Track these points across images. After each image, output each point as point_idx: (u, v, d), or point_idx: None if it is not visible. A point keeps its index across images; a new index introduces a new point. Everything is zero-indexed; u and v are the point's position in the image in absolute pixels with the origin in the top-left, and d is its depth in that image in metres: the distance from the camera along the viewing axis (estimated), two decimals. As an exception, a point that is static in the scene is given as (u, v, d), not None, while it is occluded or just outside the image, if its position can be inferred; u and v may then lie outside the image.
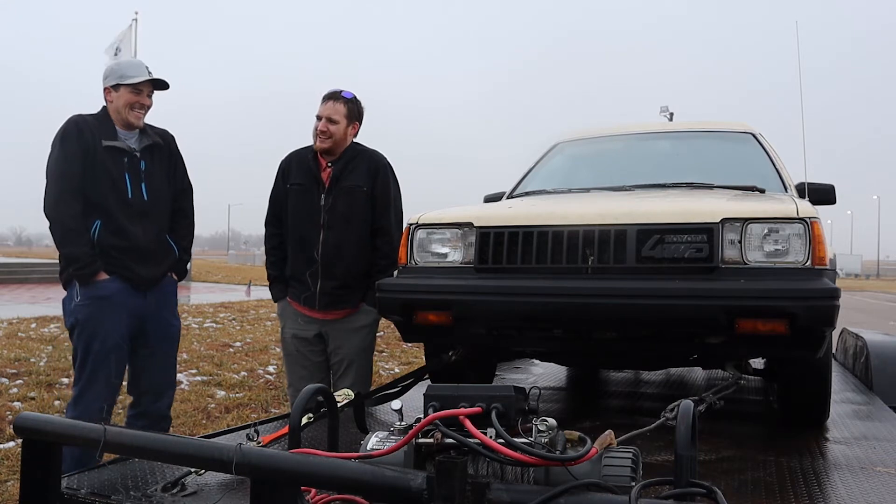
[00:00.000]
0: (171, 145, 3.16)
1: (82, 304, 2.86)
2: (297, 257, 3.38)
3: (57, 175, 2.86)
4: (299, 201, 3.37)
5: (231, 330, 9.83)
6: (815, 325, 2.36)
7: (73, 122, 2.91)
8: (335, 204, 3.29)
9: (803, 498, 1.97)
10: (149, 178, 3.01)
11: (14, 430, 1.78)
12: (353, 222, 3.30)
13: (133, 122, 2.97)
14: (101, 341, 2.85)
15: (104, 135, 2.91)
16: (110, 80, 2.96)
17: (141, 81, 2.94)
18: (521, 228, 2.72)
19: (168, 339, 3.10)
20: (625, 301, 2.48)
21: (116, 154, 2.93)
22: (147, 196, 2.99)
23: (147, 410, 3.05)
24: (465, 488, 1.39)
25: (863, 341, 4.37)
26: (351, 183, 3.31)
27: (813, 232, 2.45)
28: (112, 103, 2.97)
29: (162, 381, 3.10)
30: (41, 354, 7.03)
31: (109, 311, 2.87)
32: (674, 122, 4.94)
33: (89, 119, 2.95)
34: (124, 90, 2.94)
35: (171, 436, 1.90)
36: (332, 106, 3.29)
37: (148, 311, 2.99)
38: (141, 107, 2.98)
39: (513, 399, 1.63)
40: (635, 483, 1.44)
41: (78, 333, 2.87)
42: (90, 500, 1.82)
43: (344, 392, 2.63)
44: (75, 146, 2.86)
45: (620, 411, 3.48)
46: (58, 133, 2.91)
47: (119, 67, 2.99)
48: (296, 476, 1.44)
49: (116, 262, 2.90)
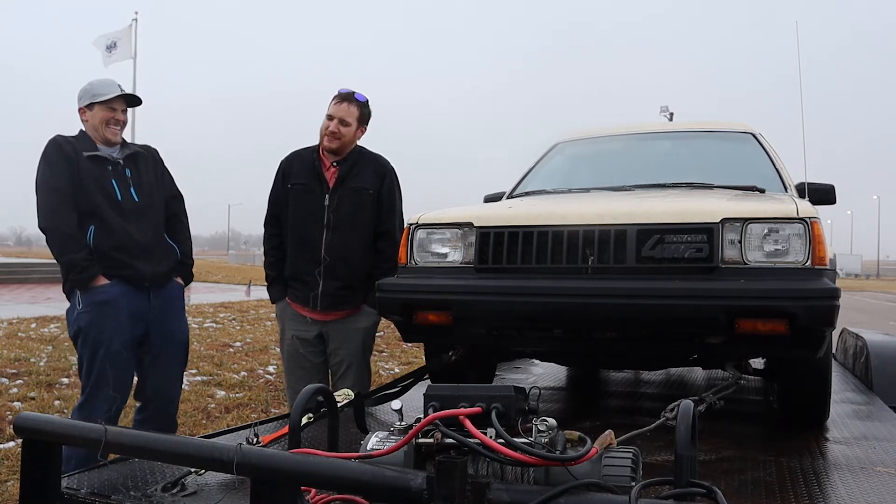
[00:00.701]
0: (154, 156, 3.19)
1: (84, 312, 2.85)
2: (299, 258, 3.35)
3: (47, 188, 2.89)
4: (301, 201, 3.35)
5: (231, 330, 9.83)
6: (815, 325, 2.36)
7: (53, 142, 2.95)
8: (341, 204, 3.28)
9: (803, 498, 1.97)
10: (137, 183, 3.03)
11: (14, 430, 1.78)
12: (358, 224, 3.30)
13: (110, 139, 3.01)
14: (106, 347, 2.84)
15: (85, 148, 2.95)
16: (84, 101, 3.01)
17: (113, 98, 2.98)
18: (521, 228, 2.72)
19: (174, 345, 3.08)
20: (625, 301, 2.48)
21: (100, 162, 2.96)
22: (138, 197, 3.01)
23: (153, 416, 3.04)
24: (465, 488, 1.39)
25: (863, 341, 4.37)
26: (358, 184, 3.31)
27: (813, 232, 2.45)
28: (88, 122, 3.01)
29: (168, 388, 3.09)
30: (41, 354, 7.03)
31: (111, 315, 2.86)
32: (674, 122, 4.94)
33: (69, 138, 2.99)
34: (98, 108, 2.98)
35: (172, 436, 1.90)
36: (346, 108, 3.29)
37: (153, 316, 2.98)
38: (116, 122, 3.02)
39: (513, 399, 1.63)
40: (635, 483, 1.44)
41: (82, 341, 2.87)
42: (90, 500, 1.82)
43: (344, 392, 2.63)
44: (60, 160, 2.89)
45: (620, 411, 3.48)
46: (41, 154, 2.94)
47: (91, 87, 3.03)
48: (296, 476, 1.44)
49: (116, 262, 2.90)
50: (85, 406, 2.85)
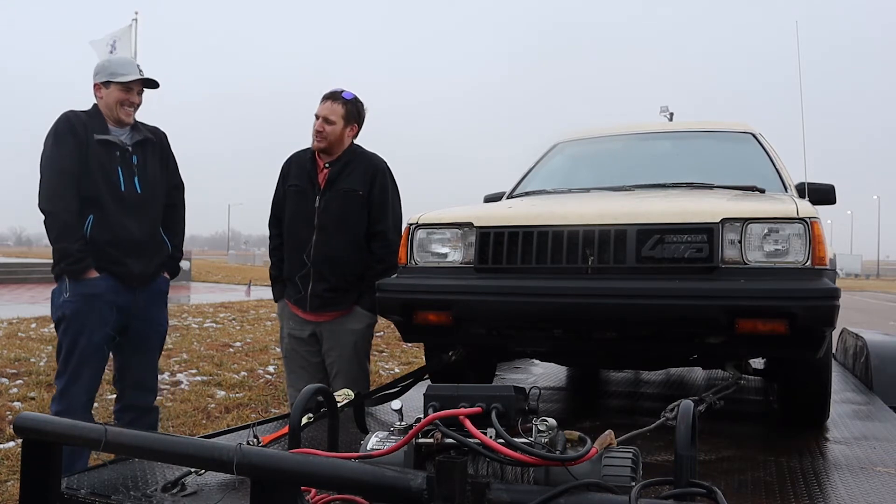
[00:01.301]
0: (163, 142, 3.18)
1: (70, 300, 2.87)
2: (291, 259, 3.38)
3: (51, 170, 2.88)
4: (295, 203, 3.37)
5: (231, 330, 9.83)
6: (815, 325, 2.35)
7: (65, 118, 2.92)
8: (329, 206, 3.28)
9: (803, 498, 1.97)
10: (141, 172, 3.03)
11: (14, 430, 1.77)
12: (347, 225, 3.29)
13: (123, 119, 3.00)
14: (88, 337, 2.88)
15: (96, 129, 2.93)
16: (100, 77, 2.98)
17: (132, 80, 2.97)
18: (521, 228, 2.72)
19: (156, 337, 3.13)
20: (625, 301, 2.48)
21: (109, 147, 2.94)
22: (140, 189, 3.01)
23: (133, 404, 3.08)
24: (465, 488, 1.39)
25: (863, 341, 4.37)
26: (346, 186, 3.30)
27: (813, 232, 2.45)
28: (102, 99, 2.99)
29: (147, 378, 3.14)
30: (41, 354, 7.03)
31: (97, 308, 2.88)
32: (674, 122, 4.93)
33: (81, 115, 2.96)
34: (114, 87, 2.96)
35: (171, 436, 1.90)
36: (329, 106, 3.28)
37: (136, 308, 3.00)
38: (131, 104, 3.00)
39: (513, 399, 1.63)
40: (635, 483, 1.44)
41: (64, 328, 2.89)
42: (90, 500, 1.82)
43: (344, 392, 2.63)
44: (69, 141, 2.88)
45: (620, 411, 3.48)
46: (51, 129, 2.92)
47: (110, 65, 3.01)
48: (296, 476, 1.44)
49: (109, 257, 2.91)
50: (64, 396, 2.87)
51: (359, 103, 3.36)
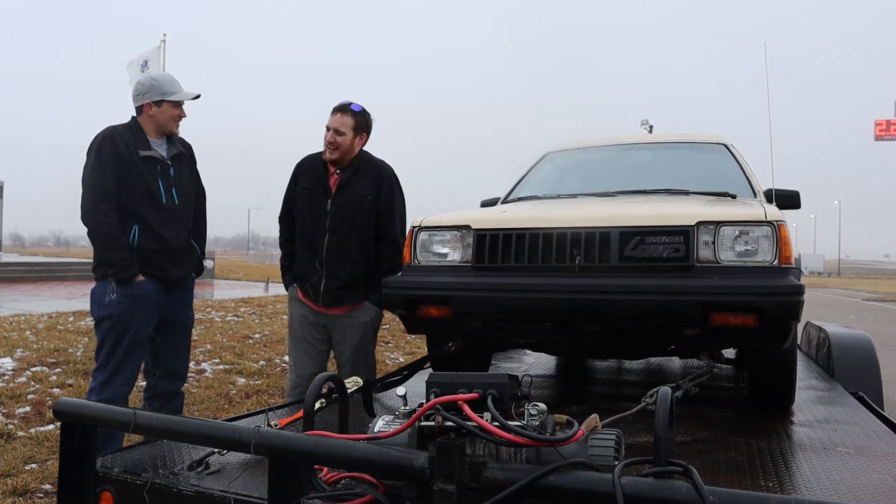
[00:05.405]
0: (191, 153, 3.20)
1: (118, 301, 2.86)
2: (305, 258, 3.37)
3: (92, 185, 2.86)
4: (307, 205, 3.36)
5: (251, 323, 9.82)
6: (782, 318, 2.36)
7: (108, 135, 2.90)
8: (340, 210, 3.27)
9: (771, 476, 1.97)
10: (177, 184, 3.03)
11: (53, 414, 1.78)
12: (356, 227, 3.28)
13: (174, 132, 3.04)
14: (133, 335, 2.88)
15: (138, 145, 2.93)
16: (152, 96, 2.96)
17: (187, 97, 3.01)
18: (515, 230, 2.72)
19: (186, 330, 3.17)
20: (609, 297, 2.48)
21: (151, 163, 2.95)
22: (178, 200, 3.02)
23: (162, 391, 3.09)
24: (463, 467, 1.39)
25: (825, 333, 4.37)
26: (356, 191, 3.29)
27: (780, 234, 2.45)
28: (154, 117, 2.98)
29: (178, 367, 3.16)
30: (78, 345, 7.02)
31: (143, 309, 2.89)
32: (653, 134, 4.94)
33: (122, 129, 2.95)
34: (167, 105, 2.97)
35: (196, 419, 1.90)
36: (339, 118, 3.27)
37: (171, 306, 3.03)
38: (180, 118, 3.04)
39: (507, 386, 1.63)
40: (618, 462, 1.44)
41: (110, 327, 2.87)
42: (122, 478, 1.82)
43: (353, 379, 2.63)
44: (110, 157, 2.86)
45: (605, 397, 3.48)
46: (93, 143, 2.90)
47: (159, 84, 2.99)
48: (310, 456, 1.44)
49: (154, 264, 2.93)
50: (106, 387, 2.85)
51: (367, 114, 3.35)
